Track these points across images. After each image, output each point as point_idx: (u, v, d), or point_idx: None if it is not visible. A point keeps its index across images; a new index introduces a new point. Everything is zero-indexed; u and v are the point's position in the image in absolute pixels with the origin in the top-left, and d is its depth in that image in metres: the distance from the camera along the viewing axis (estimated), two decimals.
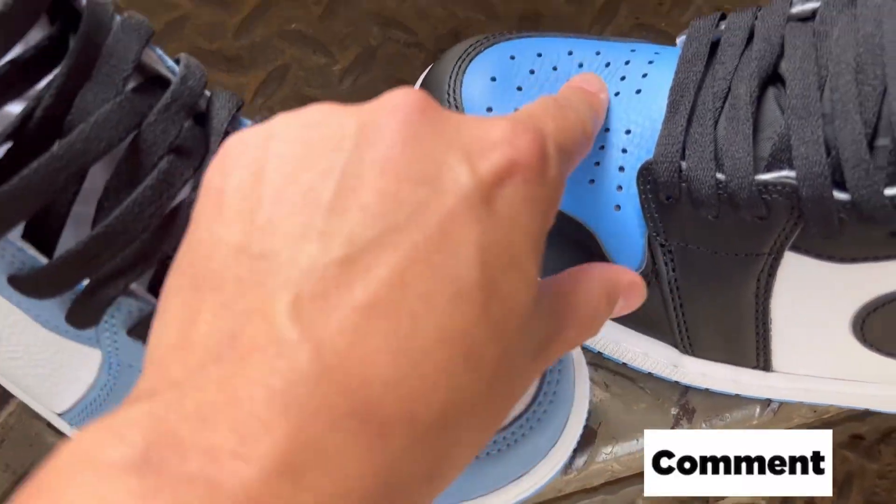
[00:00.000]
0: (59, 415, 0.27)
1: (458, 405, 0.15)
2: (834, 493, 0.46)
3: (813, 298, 0.26)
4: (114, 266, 0.22)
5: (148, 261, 0.22)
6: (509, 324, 0.16)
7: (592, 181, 0.28)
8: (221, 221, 0.16)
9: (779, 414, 0.31)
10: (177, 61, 0.24)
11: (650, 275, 0.27)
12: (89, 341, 0.23)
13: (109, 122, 0.21)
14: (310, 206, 0.16)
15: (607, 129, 0.28)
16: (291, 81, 0.38)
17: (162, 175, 0.22)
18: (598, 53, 0.30)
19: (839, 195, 0.23)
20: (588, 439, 0.30)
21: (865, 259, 0.24)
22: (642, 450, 0.30)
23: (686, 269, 0.27)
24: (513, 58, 0.30)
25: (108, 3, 0.23)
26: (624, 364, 0.30)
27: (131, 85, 0.23)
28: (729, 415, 0.31)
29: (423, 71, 0.35)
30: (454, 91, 0.29)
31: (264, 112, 0.38)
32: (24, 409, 0.30)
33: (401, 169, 0.16)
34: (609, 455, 0.30)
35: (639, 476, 0.50)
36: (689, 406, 0.31)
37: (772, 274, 0.26)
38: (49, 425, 0.29)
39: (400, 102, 0.17)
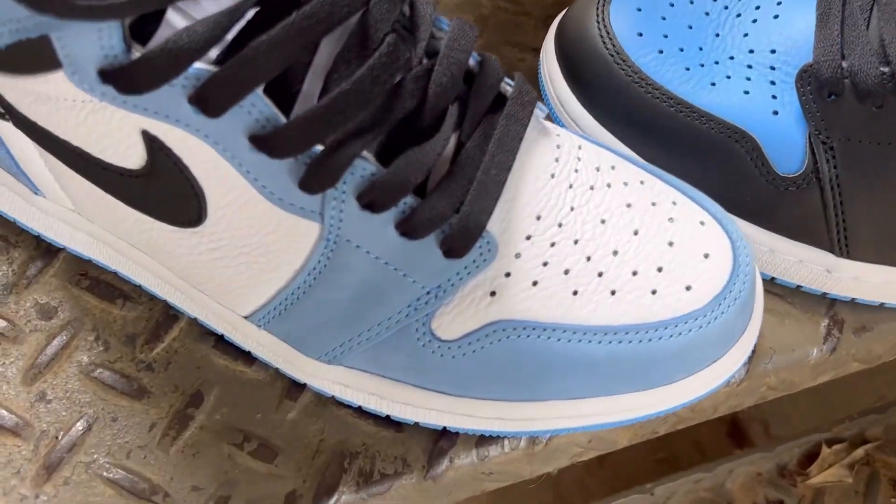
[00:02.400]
0: (246, 317, 0.27)
1: None
2: None
3: None
4: (352, 128, 0.22)
5: (380, 127, 0.23)
6: None
7: (747, 92, 0.29)
8: None
9: None
10: None
11: (810, 175, 0.29)
12: (311, 214, 0.23)
13: None
14: None
15: (751, 51, 0.30)
16: None
17: (390, 48, 0.23)
18: None
19: None
20: None
21: None
22: (798, 362, 0.31)
23: (849, 165, 0.28)
24: None
25: None
26: (772, 279, 0.31)
27: None
28: (875, 326, 0.31)
29: (534, 34, 0.37)
30: (603, 18, 0.31)
31: None
32: (188, 332, 0.29)
33: None
34: (769, 365, 0.30)
35: (728, 458, 0.50)
36: (838, 317, 0.31)
37: None
38: (216, 346, 0.29)
39: None
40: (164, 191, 0.24)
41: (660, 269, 0.25)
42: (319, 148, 0.22)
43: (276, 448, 0.28)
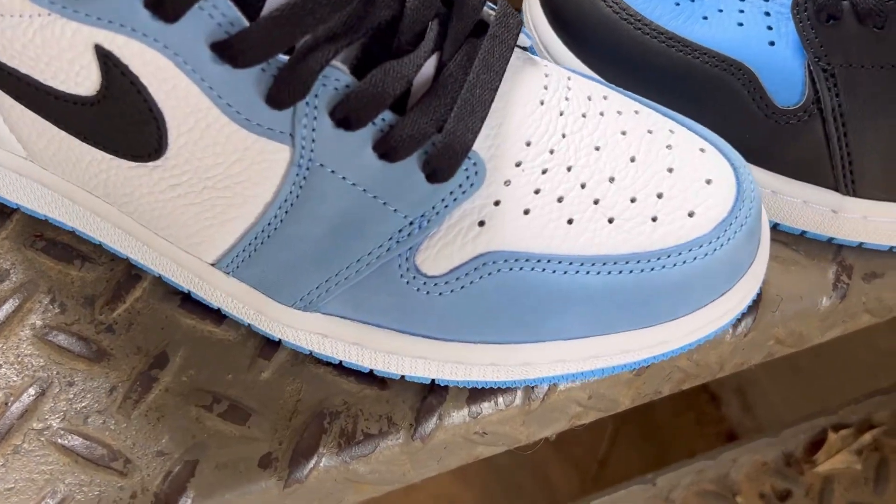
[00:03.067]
0: (213, 264, 0.24)
1: None
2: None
3: None
4: (322, 33, 0.21)
5: (355, 32, 0.21)
6: None
7: (741, 24, 0.28)
8: None
9: None
10: None
11: (811, 106, 0.27)
12: (281, 136, 0.21)
13: None
14: None
15: None
16: None
17: None
18: None
19: None
20: (755, 299, 0.28)
21: None
22: (806, 311, 0.29)
23: (851, 92, 0.27)
24: None
25: None
26: (775, 226, 0.30)
27: None
28: (885, 273, 0.30)
29: None
30: None
31: None
32: (152, 293, 0.27)
33: None
34: (776, 314, 0.29)
35: (731, 446, 0.48)
36: (847, 263, 0.30)
37: None
38: (182, 305, 0.27)
39: None
40: (121, 118, 0.22)
41: (660, 196, 0.24)
42: (287, 59, 0.21)
43: (249, 409, 0.25)
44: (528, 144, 0.24)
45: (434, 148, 0.22)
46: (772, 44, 0.28)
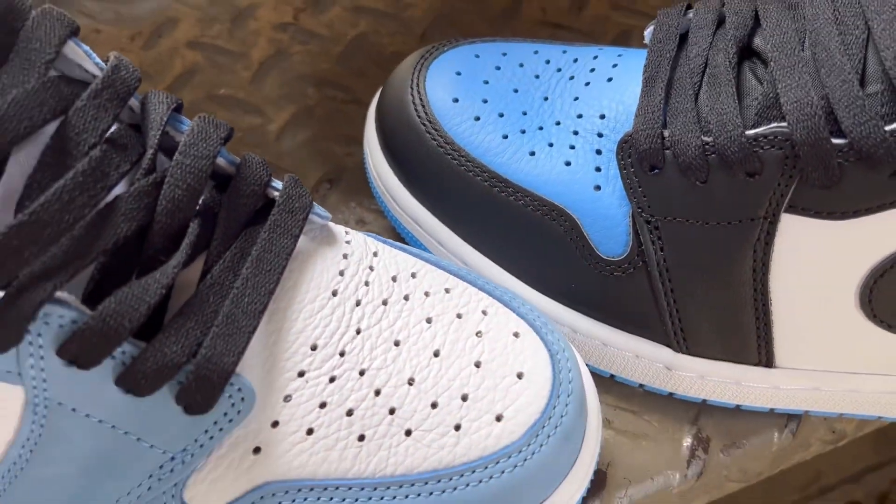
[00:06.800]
0: None
1: None
2: None
3: (814, 268, 0.24)
4: (39, 266, 0.18)
5: (81, 260, 0.18)
6: None
7: (568, 163, 0.26)
8: None
9: (798, 437, 0.28)
10: (106, 60, 0.22)
11: (636, 258, 0.25)
12: (9, 376, 0.18)
13: (31, 100, 0.18)
14: None
15: (580, 116, 0.27)
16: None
17: (95, 163, 0.19)
18: (564, 52, 0.29)
19: (836, 141, 0.22)
20: (598, 485, 0.26)
21: (868, 210, 0.23)
22: (659, 491, 0.27)
23: (675, 247, 0.25)
24: (477, 56, 0.29)
25: None
26: (612, 377, 0.28)
27: (55, 73, 0.20)
28: (746, 441, 0.28)
29: (365, 124, 0.34)
30: (417, 84, 0.28)
31: None
32: None
33: None
34: (624, 500, 0.26)
35: None
36: (703, 435, 0.27)
37: (769, 242, 0.24)
38: None
39: None
40: None
41: (465, 398, 0.21)
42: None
43: None
44: (315, 349, 0.21)
45: (187, 378, 0.19)
46: (598, 188, 0.26)
